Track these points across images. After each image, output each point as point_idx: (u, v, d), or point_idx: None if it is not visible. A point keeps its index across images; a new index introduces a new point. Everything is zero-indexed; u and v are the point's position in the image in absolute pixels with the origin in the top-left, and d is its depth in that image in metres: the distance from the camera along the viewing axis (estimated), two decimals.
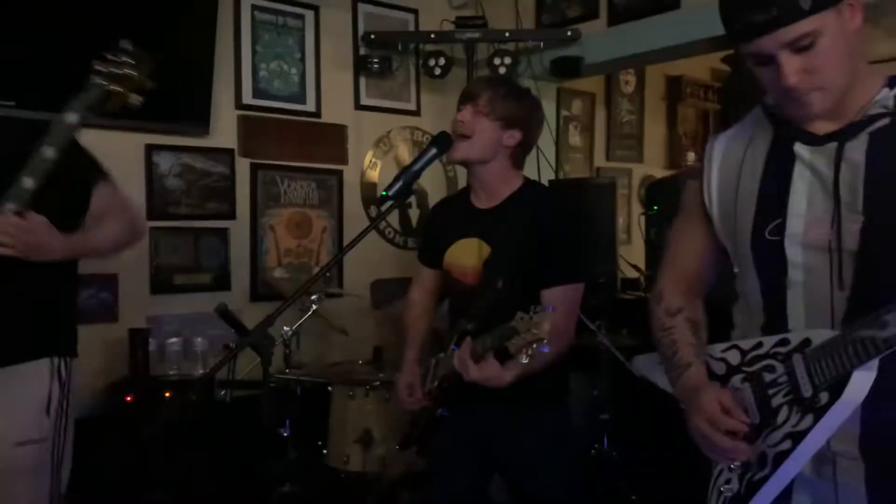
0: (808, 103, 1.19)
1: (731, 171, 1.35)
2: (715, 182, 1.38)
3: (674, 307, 1.45)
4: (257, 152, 3.84)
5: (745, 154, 1.34)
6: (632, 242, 5.26)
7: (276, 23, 3.90)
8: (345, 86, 4.15)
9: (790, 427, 1.19)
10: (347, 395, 3.02)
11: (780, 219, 1.25)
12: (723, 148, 1.38)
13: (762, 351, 1.26)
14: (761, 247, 1.29)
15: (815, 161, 1.23)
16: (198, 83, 3.52)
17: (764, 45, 1.17)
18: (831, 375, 1.13)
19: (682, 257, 1.49)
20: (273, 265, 3.90)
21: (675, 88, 5.87)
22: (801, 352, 1.19)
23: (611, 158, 5.51)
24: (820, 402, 1.15)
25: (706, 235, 1.42)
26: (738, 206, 1.33)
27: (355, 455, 2.95)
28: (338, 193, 4.12)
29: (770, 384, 1.23)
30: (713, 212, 1.38)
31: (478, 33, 3.96)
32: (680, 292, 1.47)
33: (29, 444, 1.84)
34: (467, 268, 2.07)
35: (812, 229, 1.23)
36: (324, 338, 3.76)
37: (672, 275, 1.50)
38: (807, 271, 1.24)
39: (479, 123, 2.00)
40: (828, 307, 1.21)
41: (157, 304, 3.54)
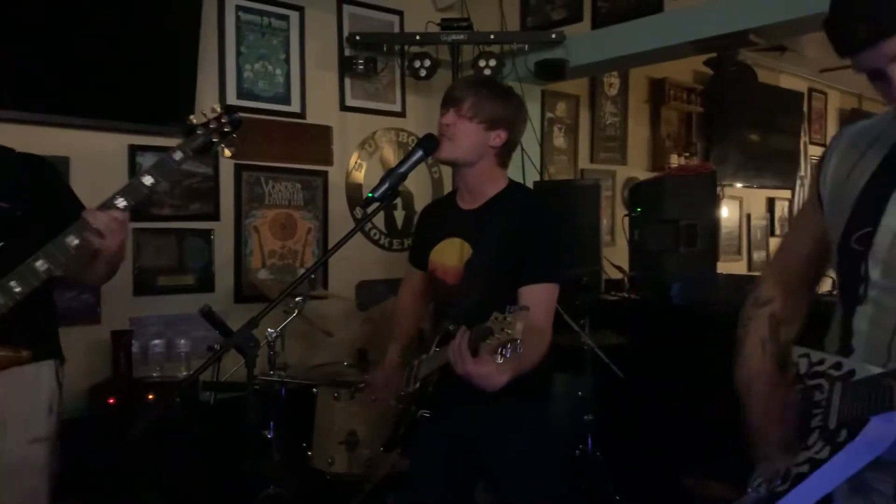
0: None
1: (847, 164, 1.27)
2: (831, 172, 1.30)
3: (763, 298, 1.41)
4: (242, 153, 3.83)
5: (865, 153, 1.25)
6: (616, 244, 5.29)
7: (261, 23, 3.89)
8: (330, 87, 4.14)
9: (813, 452, 1.16)
10: (332, 397, 3.01)
11: (869, 227, 1.17)
12: (848, 139, 1.31)
13: (821, 368, 1.21)
14: (845, 253, 1.21)
15: None
16: (182, 84, 3.50)
17: (871, 58, 1.09)
18: (855, 414, 1.09)
19: (791, 248, 1.44)
20: (257, 266, 3.88)
21: (658, 91, 5.91)
22: (843, 381, 1.14)
23: (595, 160, 5.53)
24: (839, 437, 1.11)
25: (817, 227, 1.34)
26: (839, 205, 1.25)
27: (340, 457, 2.95)
28: (323, 194, 4.12)
29: (815, 404, 1.19)
30: (825, 200, 1.31)
31: (463, 35, 3.97)
32: (778, 284, 1.42)
33: (40, 441, 1.90)
34: (449, 267, 2.08)
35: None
36: (309, 339, 3.75)
37: (777, 264, 1.46)
38: (880, 293, 1.16)
39: (464, 126, 2.01)
40: (888, 338, 1.14)
41: (140, 306, 3.52)
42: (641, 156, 5.91)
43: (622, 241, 5.14)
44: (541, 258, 1.99)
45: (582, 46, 3.96)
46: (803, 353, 1.27)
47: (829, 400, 1.15)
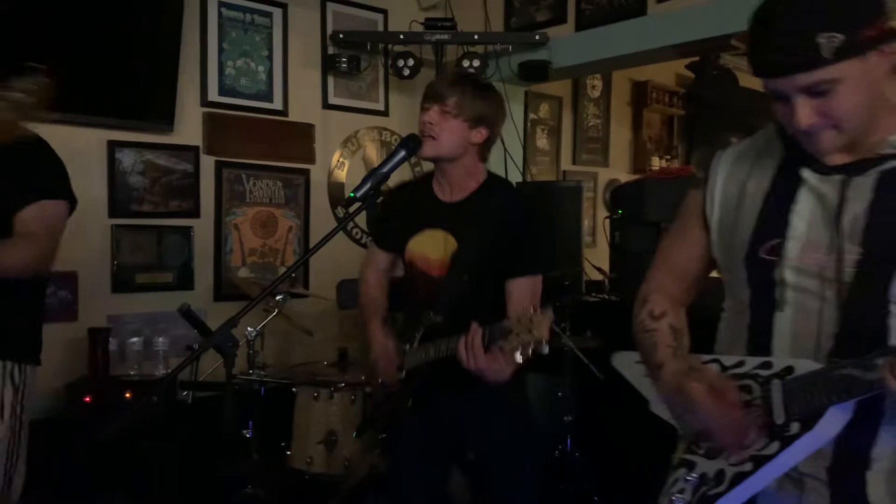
0: (820, 141, 1.17)
1: (737, 184, 1.33)
2: (718, 193, 1.36)
3: (658, 311, 1.44)
4: (222, 150, 3.80)
5: (752, 170, 1.32)
6: (597, 245, 5.31)
7: (244, 20, 3.86)
8: (312, 85, 4.12)
9: (755, 450, 1.19)
10: (312, 397, 3.00)
11: (778, 239, 1.24)
12: (730, 161, 1.37)
13: (742, 370, 1.25)
14: (755, 265, 1.27)
15: (821, 188, 1.22)
16: (162, 79, 3.47)
17: (781, 85, 1.14)
18: (807, 407, 1.13)
19: (673, 264, 1.48)
20: (237, 265, 3.86)
21: (640, 94, 5.94)
22: (781, 378, 1.18)
23: (577, 162, 5.55)
24: (790, 431, 1.15)
25: (701, 246, 1.40)
26: (738, 221, 1.31)
27: (319, 456, 2.94)
28: (304, 193, 4.10)
29: (744, 404, 1.22)
30: (713, 223, 1.37)
31: (447, 35, 3.96)
32: (666, 298, 1.46)
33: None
34: (432, 260, 2.08)
35: (808, 255, 1.21)
36: (289, 339, 3.74)
37: (660, 280, 1.49)
38: (798, 297, 1.22)
39: (447, 123, 2.01)
40: (814, 337, 1.20)
41: (119, 303, 3.48)
42: (623, 158, 5.94)
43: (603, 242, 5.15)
44: (527, 251, 2.01)
45: (565, 48, 3.97)
46: (711, 360, 1.31)
47: (767, 398, 1.19)
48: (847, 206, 1.18)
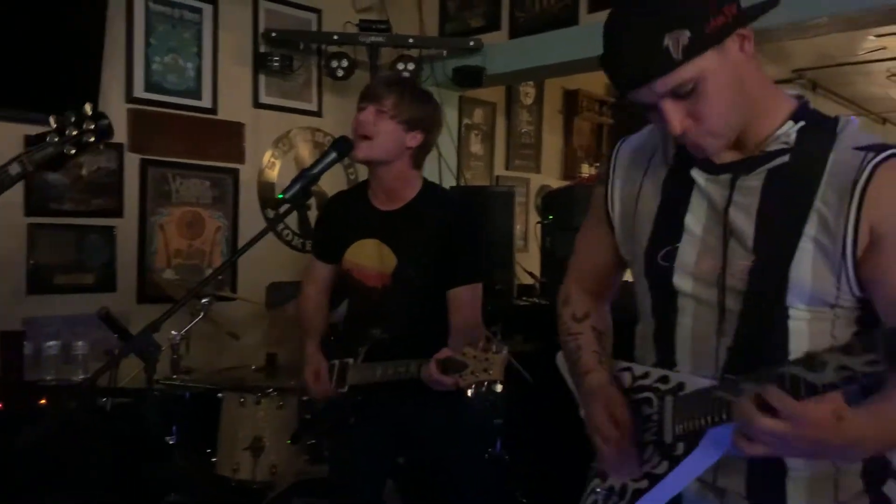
0: (701, 146, 1.13)
1: (633, 184, 1.30)
2: (618, 193, 1.33)
3: (580, 312, 1.42)
4: (148, 148, 3.69)
5: (648, 169, 1.29)
6: (528, 250, 5.37)
7: (172, 15, 3.76)
8: (243, 83, 4.04)
9: (650, 467, 1.17)
10: (238, 402, 2.93)
11: (673, 245, 1.20)
12: (628, 156, 1.33)
13: (647, 382, 1.23)
14: (654, 272, 1.24)
15: (710, 190, 1.18)
16: (85, 73, 3.34)
17: (644, 96, 1.10)
18: (690, 428, 1.10)
19: (589, 262, 1.45)
20: (162, 266, 3.75)
21: (571, 102, 6.04)
22: (673, 395, 1.16)
23: (510, 167, 5.61)
24: (677, 451, 1.13)
25: (610, 243, 1.37)
26: (636, 225, 1.28)
27: (245, 463, 2.87)
28: (233, 193, 4.01)
29: (645, 418, 1.20)
30: (615, 222, 1.34)
31: (381, 37, 3.95)
32: (587, 297, 1.44)
33: None
34: (368, 269, 2.07)
35: (702, 260, 1.17)
36: (215, 343, 3.64)
37: (578, 279, 1.46)
38: (695, 305, 1.19)
39: (382, 124, 2.00)
40: (712, 347, 1.17)
41: (35, 305, 3.34)
42: (554, 164, 6.03)
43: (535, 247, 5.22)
44: (468, 260, 2.02)
45: (499, 55, 4.01)
46: (625, 367, 1.29)
47: (662, 414, 1.17)
48: (735, 209, 1.15)
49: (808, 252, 1.09)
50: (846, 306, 1.13)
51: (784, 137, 1.14)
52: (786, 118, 1.15)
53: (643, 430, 1.20)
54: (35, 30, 3.16)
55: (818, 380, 0.89)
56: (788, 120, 1.15)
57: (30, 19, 3.14)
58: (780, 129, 1.14)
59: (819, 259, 1.09)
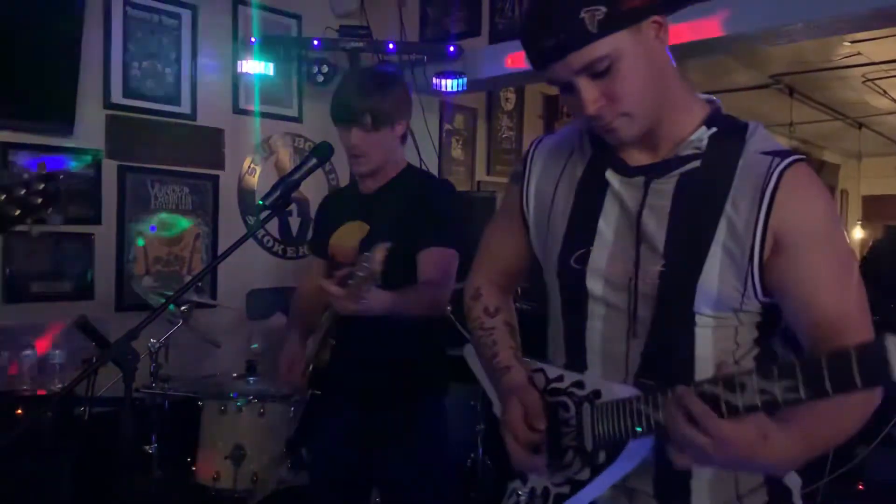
0: (615, 129, 1.12)
1: (549, 184, 1.29)
2: (533, 192, 1.32)
3: (492, 307, 1.40)
4: (126, 154, 3.66)
5: (564, 169, 1.28)
6: None
7: (151, 21, 3.73)
8: (223, 89, 4.02)
9: (572, 473, 1.17)
10: (219, 410, 2.91)
11: (586, 248, 1.20)
12: (544, 156, 1.33)
13: (561, 385, 1.22)
14: (566, 274, 1.23)
15: (623, 193, 1.18)
16: (62, 79, 3.31)
17: (558, 71, 1.10)
18: (610, 436, 1.10)
19: (499, 257, 1.44)
20: (141, 273, 3.71)
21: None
22: (591, 402, 1.15)
23: (491, 172, 5.63)
24: (598, 459, 1.13)
25: (522, 242, 1.36)
26: (550, 226, 1.27)
27: (226, 472, 2.85)
28: (213, 199, 3.98)
29: (563, 422, 1.19)
30: (530, 221, 1.33)
31: (362, 43, 3.95)
32: (497, 291, 1.43)
33: None
34: (348, 248, 2.06)
35: (614, 264, 1.17)
36: (195, 350, 3.61)
37: (488, 273, 1.45)
38: (606, 308, 1.19)
39: (372, 140, 2.01)
40: (623, 352, 1.17)
41: (11, 314, 3.29)
42: None
43: None
44: (436, 225, 1.98)
45: (479, 60, 4.02)
46: (538, 369, 1.28)
47: (580, 421, 1.16)
48: (647, 213, 1.15)
49: (717, 258, 1.10)
50: (749, 311, 1.15)
51: (697, 143, 1.15)
52: (700, 123, 1.16)
53: (561, 435, 1.20)
54: (11, 36, 3.13)
55: (739, 401, 0.91)
56: (702, 125, 1.16)
57: (5, 26, 3.11)
58: (693, 133, 1.15)
59: (726, 265, 1.10)
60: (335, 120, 2.05)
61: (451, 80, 3.95)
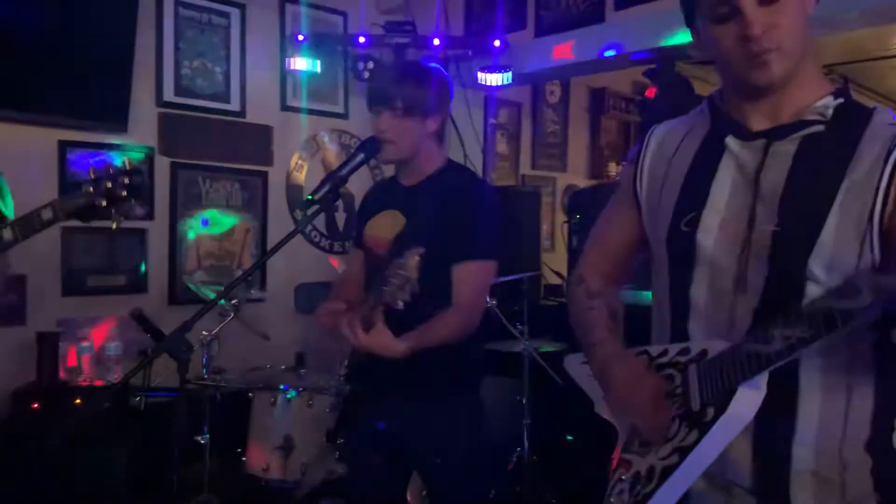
0: (766, 63, 1.13)
1: (664, 159, 1.32)
2: (647, 169, 1.34)
3: (594, 290, 1.42)
4: (178, 151, 3.74)
5: (681, 144, 1.30)
6: (555, 250, 5.36)
7: (201, 20, 3.81)
8: (271, 86, 4.08)
9: (678, 441, 1.13)
10: (268, 402, 2.95)
11: (697, 211, 1.21)
12: (660, 136, 1.35)
13: (665, 359, 1.22)
14: (675, 238, 1.24)
15: (742, 155, 1.19)
16: (116, 78, 3.40)
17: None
18: (719, 390, 1.08)
19: (607, 242, 1.45)
20: (193, 268, 3.79)
21: (598, 100, 6.01)
22: (697, 362, 1.15)
23: (536, 167, 5.60)
24: (706, 417, 1.10)
25: (634, 223, 1.37)
26: (662, 195, 1.29)
27: (276, 462, 2.89)
28: (262, 195, 4.05)
29: (668, 394, 1.18)
30: (642, 199, 1.34)
31: (406, 38, 3.97)
32: (601, 277, 1.43)
33: None
34: (381, 238, 2.07)
35: (728, 225, 1.18)
36: (245, 343, 3.68)
37: (594, 259, 1.46)
38: (714, 269, 1.19)
39: (402, 126, 2.00)
40: (731, 311, 1.16)
41: (69, 307, 3.40)
42: (581, 163, 6.01)
43: (561, 246, 5.21)
44: (475, 234, 1.96)
45: (524, 54, 4.00)
46: (640, 351, 1.28)
47: (685, 384, 1.15)
48: (765, 174, 1.16)
49: (836, 218, 1.10)
50: None
51: (822, 109, 1.16)
52: (826, 93, 1.18)
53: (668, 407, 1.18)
54: (67, 37, 3.22)
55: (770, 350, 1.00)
56: (828, 96, 1.18)
57: (63, 27, 3.20)
58: (819, 101, 1.17)
59: (845, 225, 1.10)
60: (369, 105, 2.05)
61: (496, 75, 3.94)
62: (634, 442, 1.24)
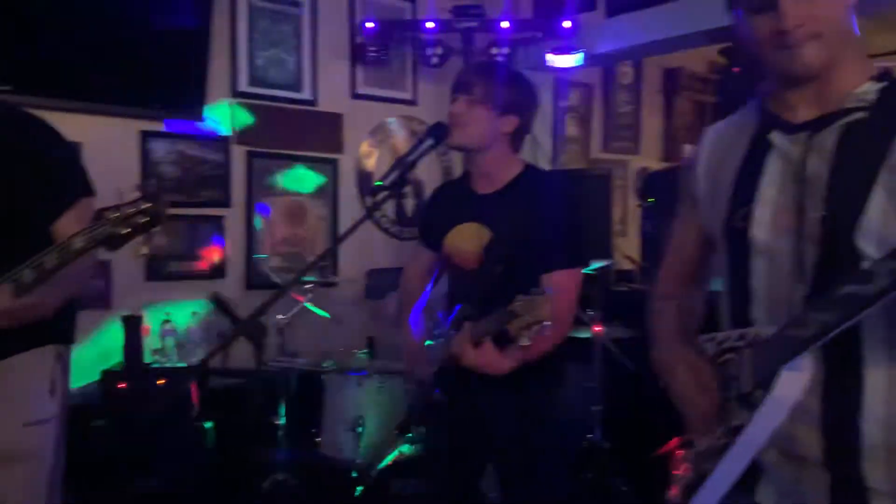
0: (801, 53, 1.15)
1: (717, 159, 1.35)
2: (702, 170, 1.38)
3: (667, 293, 1.48)
4: (252, 140, 3.83)
5: (732, 143, 1.33)
6: (627, 234, 5.27)
7: (273, 10, 3.88)
8: (341, 74, 4.13)
9: (735, 421, 1.19)
10: (340, 384, 3.02)
11: (748, 206, 1.25)
12: (714, 137, 1.39)
13: (727, 345, 1.27)
14: (731, 234, 1.28)
15: (787, 148, 1.22)
16: (193, 70, 3.50)
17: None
18: (766, 372, 1.12)
19: (679, 246, 1.49)
20: (268, 254, 3.89)
21: (672, 80, 5.86)
22: (751, 347, 1.20)
23: (607, 149, 5.50)
24: (756, 399, 1.15)
25: (696, 226, 1.41)
26: (716, 194, 1.33)
27: (348, 443, 2.96)
28: (333, 182, 4.11)
29: (728, 378, 1.23)
30: (700, 199, 1.38)
31: (475, 23, 3.94)
32: (675, 280, 1.49)
33: (35, 424, 1.85)
34: (467, 252, 2.07)
35: (779, 217, 1.21)
36: (317, 327, 3.76)
37: (669, 263, 1.52)
38: (770, 261, 1.23)
39: (475, 112, 2.00)
40: (787, 299, 1.20)
41: (152, 292, 3.53)
42: (654, 145, 5.88)
43: (634, 231, 5.12)
44: (563, 243, 1.97)
45: (595, 35, 3.93)
46: (709, 338, 1.33)
47: (741, 369, 1.20)
48: (810, 165, 1.18)
49: (881, 197, 1.11)
50: None
51: (863, 95, 1.17)
52: (867, 78, 1.19)
53: (727, 391, 1.24)
54: (147, 32, 3.34)
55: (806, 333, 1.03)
56: (869, 80, 1.19)
57: (142, 22, 3.32)
58: (861, 87, 1.18)
59: (890, 202, 1.11)
60: (451, 91, 2.06)
61: (566, 56, 3.89)
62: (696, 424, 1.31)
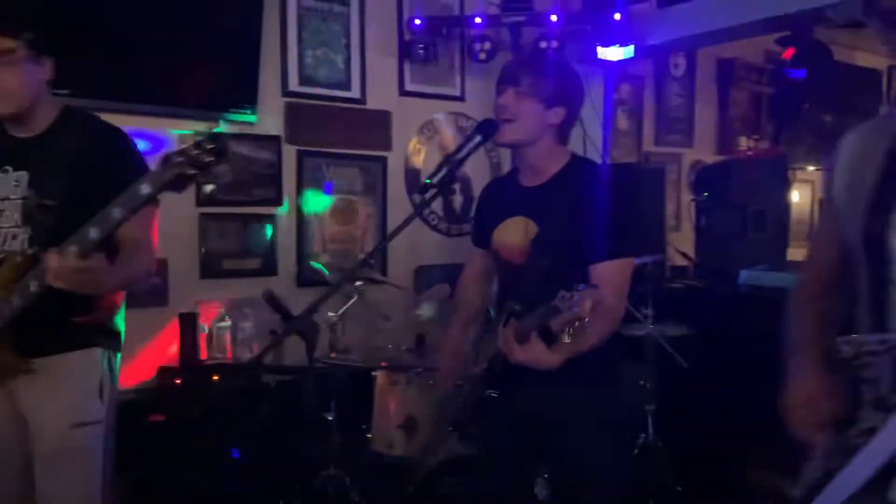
0: None
1: (854, 165, 1.35)
2: (841, 175, 1.38)
3: (811, 295, 1.51)
4: (303, 139, 3.87)
5: (873, 147, 1.33)
6: (681, 229, 5.16)
7: (322, 9, 3.91)
8: (389, 72, 4.14)
9: (868, 424, 1.21)
10: (391, 381, 3.03)
11: (889, 212, 1.25)
12: (851, 143, 1.39)
13: (866, 348, 1.28)
14: (870, 241, 1.29)
15: None
16: (245, 70, 3.55)
17: None
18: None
19: (818, 249, 1.53)
20: (318, 251, 3.93)
21: (726, 71, 5.72)
22: (890, 352, 1.21)
23: (660, 143, 5.40)
24: (892, 401, 1.17)
25: (834, 229, 1.43)
26: (854, 200, 1.33)
27: (399, 440, 2.97)
28: (382, 180, 4.13)
29: (865, 381, 1.25)
30: (838, 205, 1.39)
31: (523, 17, 3.91)
32: (818, 284, 1.51)
33: (83, 426, 1.90)
34: (514, 247, 2.05)
35: None
36: (368, 324, 3.78)
37: (810, 266, 1.55)
38: None
39: (522, 106, 1.97)
40: None
41: (206, 289, 3.60)
42: (709, 139, 5.74)
43: (688, 226, 5.01)
44: (610, 233, 1.92)
45: (647, 26, 3.86)
46: (847, 341, 1.33)
47: (881, 372, 1.21)
48: None
49: None
50: None
51: None
52: None
53: (861, 394, 1.25)
54: (199, 33, 3.39)
55: None
56: None
57: (194, 24, 3.37)
58: None
59: None
60: (497, 84, 2.04)
61: (617, 49, 3.82)
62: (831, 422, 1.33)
